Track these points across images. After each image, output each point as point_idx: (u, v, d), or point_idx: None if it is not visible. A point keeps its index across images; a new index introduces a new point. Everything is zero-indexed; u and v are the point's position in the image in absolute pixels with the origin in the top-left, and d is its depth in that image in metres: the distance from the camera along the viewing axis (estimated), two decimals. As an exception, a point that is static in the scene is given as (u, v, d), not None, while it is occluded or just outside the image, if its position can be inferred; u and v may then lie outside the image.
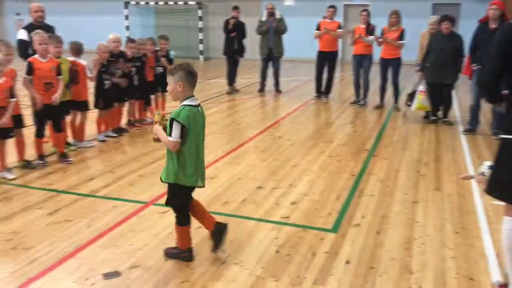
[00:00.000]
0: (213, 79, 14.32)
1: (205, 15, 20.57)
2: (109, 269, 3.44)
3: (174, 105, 3.53)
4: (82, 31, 16.19)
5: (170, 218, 4.29)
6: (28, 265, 3.49)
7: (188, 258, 3.57)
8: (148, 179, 5.38)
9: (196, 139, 3.43)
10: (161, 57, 7.96)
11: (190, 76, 3.43)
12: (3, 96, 5.03)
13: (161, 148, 6.65)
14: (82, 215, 4.37)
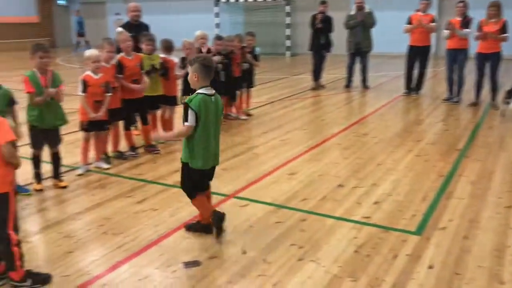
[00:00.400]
0: (299, 75, 14.31)
1: (293, 10, 20.57)
2: (189, 258, 3.56)
3: (259, 101, 3.55)
4: (174, 29, 16.88)
5: (250, 212, 4.38)
6: (116, 249, 3.72)
7: (218, 225, 3.83)
8: (230, 172, 5.49)
9: (205, 126, 3.71)
10: (247, 54, 8.08)
11: (205, 68, 3.71)
12: (101, 91, 5.38)
13: (244, 143, 6.77)
14: (167, 205, 4.57)
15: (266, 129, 7.54)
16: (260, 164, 5.80)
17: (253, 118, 8.32)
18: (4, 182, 3.03)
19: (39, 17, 25.94)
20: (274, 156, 6.07)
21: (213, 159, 3.89)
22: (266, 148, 6.49)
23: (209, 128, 3.74)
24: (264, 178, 5.29)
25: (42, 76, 4.72)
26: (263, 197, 4.74)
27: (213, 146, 3.83)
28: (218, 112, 3.84)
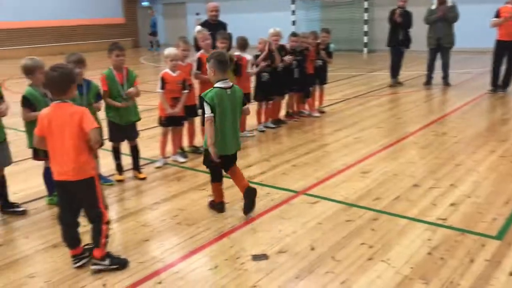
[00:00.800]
0: (376, 72, 13.95)
1: (371, 6, 20.06)
2: (258, 252, 3.62)
3: (334, 98, 3.52)
4: (251, 27, 17.09)
5: (320, 209, 4.36)
6: (189, 239, 3.86)
7: (220, 209, 4.34)
8: (301, 169, 5.49)
9: (221, 116, 4.11)
10: (321, 50, 8.01)
11: (220, 63, 4.11)
12: (178, 88, 5.59)
13: (316, 140, 6.74)
14: (238, 199, 4.65)
15: (340, 126, 7.44)
16: (331, 162, 5.75)
17: (327, 116, 8.24)
18: (90, 168, 3.32)
19: (125, 18, 27.36)
20: (347, 154, 5.98)
21: (231, 146, 4.27)
22: (338, 145, 6.40)
23: (225, 118, 4.14)
24: (335, 176, 5.24)
25: (118, 73, 5.03)
26: (334, 195, 4.70)
27: (231, 134, 4.22)
28: (235, 103, 4.21)
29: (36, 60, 4.30)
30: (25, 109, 4.23)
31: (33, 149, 4.40)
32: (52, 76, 3.24)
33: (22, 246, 3.83)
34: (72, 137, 3.21)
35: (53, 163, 3.33)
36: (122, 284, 3.24)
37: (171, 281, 3.26)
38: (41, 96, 4.24)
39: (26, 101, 4.22)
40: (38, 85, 4.27)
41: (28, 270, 3.46)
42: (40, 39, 23.10)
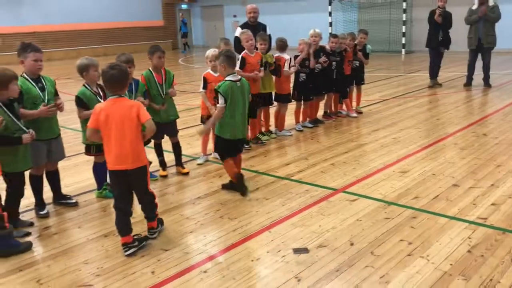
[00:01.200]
0: (415, 73, 13.81)
1: (409, 7, 19.84)
2: (298, 245, 3.73)
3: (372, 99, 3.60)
4: (290, 28, 17.22)
5: (359, 206, 4.43)
6: (231, 232, 4.01)
7: (240, 184, 4.79)
8: (340, 167, 5.56)
9: (232, 106, 4.69)
10: (358, 51, 8.05)
11: (229, 59, 4.67)
12: None
13: (354, 140, 6.79)
14: (278, 195, 4.79)
15: (378, 127, 7.46)
16: (370, 161, 5.79)
17: (364, 116, 8.27)
18: (144, 156, 3.73)
19: (164, 21, 27.96)
20: (385, 154, 6.01)
21: (240, 132, 4.87)
22: (376, 145, 6.44)
23: (235, 107, 4.72)
24: (374, 174, 5.29)
25: (157, 74, 5.26)
26: (373, 193, 4.76)
27: (240, 122, 4.81)
28: (244, 94, 4.80)
29: (91, 59, 4.57)
30: (79, 108, 4.49)
31: (86, 144, 4.66)
32: (112, 73, 3.55)
33: (75, 235, 4.07)
34: (131, 128, 3.54)
35: (110, 154, 3.59)
36: (169, 272, 3.41)
37: (216, 271, 3.41)
38: (92, 95, 4.49)
39: (79, 100, 4.48)
40: (91, 84, 4.53)
41: (82, 257, 3.68)
42: (84, 41, 23.92)
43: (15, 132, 3.88)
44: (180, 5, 28.82)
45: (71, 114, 4.89)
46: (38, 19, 22.26)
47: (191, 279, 3.30)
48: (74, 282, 3.33)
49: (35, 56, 4.24)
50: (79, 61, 4.56)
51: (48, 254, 3.74)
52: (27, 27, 21.97)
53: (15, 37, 21.68)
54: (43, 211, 4.44)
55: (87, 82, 4.56)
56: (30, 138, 3.94)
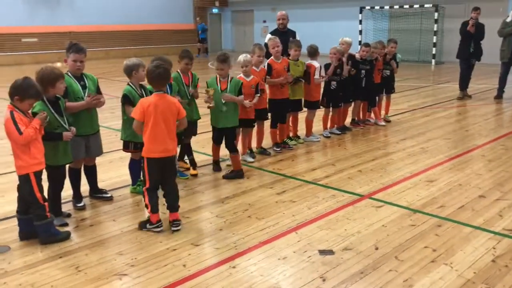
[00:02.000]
0: (444, 84, 13.73)
1: (441, 17, 19.70)
2: (324, 247, 3.84)
3: (400, 108, 3.70)
4: (319, 35, 17.33)
5: (384, 213, 4.52)
6: (259, 231, 4.14)
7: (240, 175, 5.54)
8: (367, 174, 5.65)
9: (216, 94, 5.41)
10: (389, 60, 8.12)
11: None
12: (251, 92, 5.92)
13: (381, 148, 6.85)
14: (304, 198, 4.91)
15: (405, 136, 7.50)
16: (396, 169, 5.86)
17: (392, 125, 8.31)
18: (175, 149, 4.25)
19: (195, 24, 28.36)
20: (412, 163, 6.07)
21: (223, 121, 5.49)
22: (403, 154, 6.49)
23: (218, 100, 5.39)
24: (400, 182, 5.36)
25: (184, 76, 5.50)
26: (399, 200, 4.83)
27: (224, 112, 5.43)
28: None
29: (140, 59, 4.81)
30: (127, 106, 4.70)
31: (124, 141, 4.87)
32: (159, 72, 4.08)
33: (110, 227, 4.27)
34: (173, 121, 4.06)
35: (155, 143, 4.04)
36: (199, 266, 3.57)
37: (244, 267, 3.55)
38: (137, 95, 4.70)
39: (127, 98, 4.70)
40: (136, 83, 4.76)
41: (117, 248, 3.87)
42: (115, 42, 24.51)
43: (56, 128, 4.10)
44: (211, 9, 29.22)
45: (105, 113, 5.11)
46: (74, 19, 22.91)
47: (221, 273, 3.45)
48: (110, 271, 3.52)
49: (75, 57, 4.49)
50: (129, 61, 4.78)
51: (85, 244, 3.94)
52: (63, 27, 22.64)
53: (51, 37, 22.43)
54: (80, 204, 4.67)
55: (133, 82, 4.77)
56: (71, 135, 4.15)
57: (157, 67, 4.10)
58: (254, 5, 27.68)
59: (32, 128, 3.71)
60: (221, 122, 5.59)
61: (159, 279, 3.39)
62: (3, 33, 20.92)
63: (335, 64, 7.12)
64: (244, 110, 5.83)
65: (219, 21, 30.11)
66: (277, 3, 25.86)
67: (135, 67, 4.74)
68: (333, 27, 21.89)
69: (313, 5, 24.53)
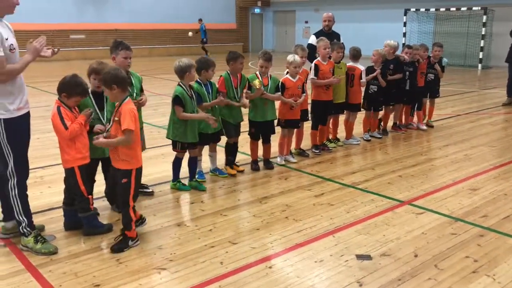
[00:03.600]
0: (491, 89, 13.30)
1: (490, 20, 19.08)
2: (362, 252, 3.80)
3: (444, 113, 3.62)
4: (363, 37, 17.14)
5: (425, 220, 4.44)
6: (296, 233, 4.15)
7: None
8: (407, 180, 5.55)
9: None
10: (434, 64, 7.94)
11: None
12: (298, 92, 5.92)
13: (423, 153, 6.72)
14: (342, 202, 4.87)
15: (448, 142, 7.32)
16: (438, 176, 5.73)
17: (435, 130, 8.12)
18: None
19: (237, 25, 28.59)
20: (455, 170, 5.92)
21: (264, 115, 5.65)
22: (446, 161, 6.34)
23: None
24: (442, 190, 5.24)
25: (234, 78, 5.48)
26: (440, 208, 4.73)
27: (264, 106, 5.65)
28: None
29: (191, 60, 4.87)
30: (177, 107, 4.78)
31: (173, 140, 4.96)
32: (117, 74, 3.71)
33: (151, 222, 4.36)
34: None
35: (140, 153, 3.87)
36: (236, 264, 3.60)
37: (280, 267, 3.57)
38: (188, 96, 4.80)
39: (178, 99, 4.78)
40: (187, 84, 4.84)
41: (156, 242, 3.96)
42: (158, 40, 25.00)
43: (93, 120, 4.19)
44: (253, 9, 29.36)
45: (148, 110, 5.23)
46: (120, 17, 23.51)
47: (257, 273, 3.48)
48: (150, 264, 3.60)
49: (126, 54, 4.60)
50: (181, 62, 4.82)
51: (126, 237, 4.05)
52: (109, 25, 23.28)
53: (98, 34, 23.10)
54: (122, 197, 4.79)
55: (184, 83, 4.85)
56: (100, 129, 4.10)
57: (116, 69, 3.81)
58: (297, 6, 27.63)
59: (78, 123, 3.84)
60: (262, 116, 5.67)
61: (196, 274, 3.45)
62: (53, 30, 21.68)
63: (377, 67, 7.03)
64: (290, 110, 5.85)
65: (260, 21, 30.22)
66: (321, 4, 25.72)
67: (188, 68, 4.80)
68: (377, 29, 21.61)
69: (356, 6, 24.27)
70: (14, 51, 3.56)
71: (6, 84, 3.52)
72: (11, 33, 3.63)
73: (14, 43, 3.58)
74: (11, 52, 3.52)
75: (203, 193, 5.09)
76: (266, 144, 5.94)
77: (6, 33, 3.51)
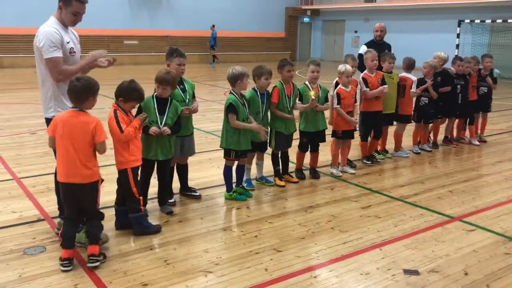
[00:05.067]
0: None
1: (550, 32, 18.28)
2: (409, 267, 3.72)
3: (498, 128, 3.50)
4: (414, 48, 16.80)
5: (476, 237, 4.30)
6: (341, 244, 4.11)
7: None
8: (458, 195, 5.39)
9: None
10: (485, 76, 7.70)
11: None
12: (352, 102, 5.89)
13: (475, 169, 6.51)
14: (390, 215, 4.79)
15: (502, 158, 7.06)
16: (491, 193, 5.53)
17: (488, 145, 7.85)
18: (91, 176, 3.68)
19: (285, 33, 28.69)
20: (509, 187, 5.70)
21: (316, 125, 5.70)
22: (499, 177, 6.11)
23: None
24: (495, 207, 5.06)
25: (287, 87, 5.46)
26: (493, 226, 4.57)
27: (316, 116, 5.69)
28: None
29: (244, 68, 4.92)
30: (231, 115, 4.85)
31: (225, 149, 5.03)
32: (75, 84, 3.54)
33: (198, 225, 4.45)
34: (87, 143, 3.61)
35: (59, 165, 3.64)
36: (281, 271, 3.61)
37: (326, 277, 3.55)
38: (240, 103, 4.88)
39: (232, 107, 4.84)
40: (239, 92, 4.92)
41: (203, 245, 4.03)
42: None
43: (151, 122, 4.35)
44: (302, 18, 29.39)
45: (197, 115, 5.30)
46: (171, 24, 24.09)
47: (302, 282, 3.47)
48: (196, 267, 3.67)
49: (180, 61, 4.74)
50: (234, 70, 4.89)
51: (174, 239, 4.14)
52: (161, 31, 23.90)
53: (150, 40, 23.76)
54: (171, 200, 4.91)
55: (236, 91, 4.93)
56: (154, 132, 4.28)
57: (78, 79, 3.56)
58: (346, 15, 27.44)
59: (133, 127, 3.97)
60: (315, 126, 5.68)
61: (241, 280, 3.48)
62: (108, 35, 22.49)
63: (428, 79, 6.89)
64: (345, 121, 5.84)
65: (309, 30, 30.20)
66: (371, 13, 25.45)
67: (240, 77, 4.86)
68: (428, 40, 21.14)
69: (408, 16, 23.85)
70: (74, 54, 3.94)
71: (65, 83, 3.81)
72: (76, 39, 4.05)
73: (75, 47, 3.96)
74: (70, 55, 3.91)
75: (249, 199, 5.14)
76: (314, 152, 5.93)
77: (68, 38, 3.90)
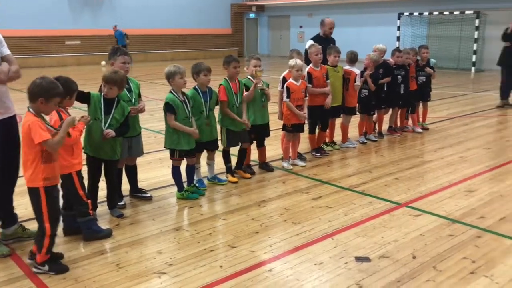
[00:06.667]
0: (484, 92, 13.41)
1: (483, 24, 19.24)
2: (360, 254, 3.83)
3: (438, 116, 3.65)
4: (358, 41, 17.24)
5: (422, 222, 4.47)
6: (295, 236, 4.17)
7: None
8: (404, 182, 5.59)
9: None
10: (423, 66, 8.03)
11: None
12: (302, 96, 5.95)
13: (419, 156, 6.77)
14: (340, 204, 4.90)
15: (444, 144, 7.38)
16: (434, 178, 5.77)
17: (430, 133, 8.18)
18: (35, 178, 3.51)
19: (232, 29, 28.65)
20: (451, 172, 5.97)
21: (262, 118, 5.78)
22: (442, 163, 6.38)
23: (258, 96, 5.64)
24: (439, 192, 5.28)
25: (233, 83, 5.46)
26: (437, 209, 4.76)
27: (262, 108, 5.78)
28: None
29: (178, 67, 4.83)
30: (169, 114, 4.78)
31: (170, 149, 4.97)
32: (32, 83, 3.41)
33: (150, 226, 4.38)
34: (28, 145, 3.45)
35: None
36: (236, 268, 3.61)
37: (280, 270, 3.58)
38: (179, 102, 4.80)
39: (169, 106, 4.77)
40: (177, 90, 4.84)
41: (156, 246, 3.97)
42: (154, 46, 25.02)
43: (96, 119, 4.25)
44: (248, 14, 29.45)
45: (145, 114, 5.22)
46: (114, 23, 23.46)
47: (257, 276, 3.49)
48: (150, 269, 3.61)
49: (124, 59, 4.65)
50: (167, 68, 4.85)
51: (125, 242, 4.06)
52: (104, 30, 23.27)
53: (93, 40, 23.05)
54: (121, 202, 4.80)
55: (174, 89, 4.87)
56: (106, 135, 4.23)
57: (41, 78, 3.43)
58: (291, 11, 27.74)
59: (79, 131, 3.85)
60: (262, 118, 5.75)
61: (196, 279, 3.46)
62: (48, 36, 21.66)
63: (369, 71, 7.10)
64: (294, 115, 5.91)
65: (255, 26, 30.30)
66: (315, 9, 25.85)
67: (171, 75, 4.79)
68: (371, 33, 21.71)
69: (350, 10, 24.42)
70: None
71: None
72: None
73: None
74: None
75: (201, 197, 5.10)
76: (261, 147, 5.97)
77: None
